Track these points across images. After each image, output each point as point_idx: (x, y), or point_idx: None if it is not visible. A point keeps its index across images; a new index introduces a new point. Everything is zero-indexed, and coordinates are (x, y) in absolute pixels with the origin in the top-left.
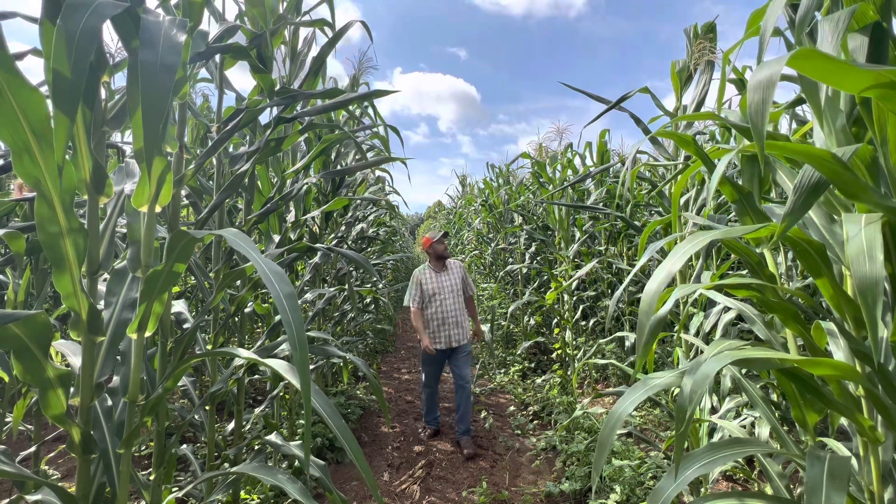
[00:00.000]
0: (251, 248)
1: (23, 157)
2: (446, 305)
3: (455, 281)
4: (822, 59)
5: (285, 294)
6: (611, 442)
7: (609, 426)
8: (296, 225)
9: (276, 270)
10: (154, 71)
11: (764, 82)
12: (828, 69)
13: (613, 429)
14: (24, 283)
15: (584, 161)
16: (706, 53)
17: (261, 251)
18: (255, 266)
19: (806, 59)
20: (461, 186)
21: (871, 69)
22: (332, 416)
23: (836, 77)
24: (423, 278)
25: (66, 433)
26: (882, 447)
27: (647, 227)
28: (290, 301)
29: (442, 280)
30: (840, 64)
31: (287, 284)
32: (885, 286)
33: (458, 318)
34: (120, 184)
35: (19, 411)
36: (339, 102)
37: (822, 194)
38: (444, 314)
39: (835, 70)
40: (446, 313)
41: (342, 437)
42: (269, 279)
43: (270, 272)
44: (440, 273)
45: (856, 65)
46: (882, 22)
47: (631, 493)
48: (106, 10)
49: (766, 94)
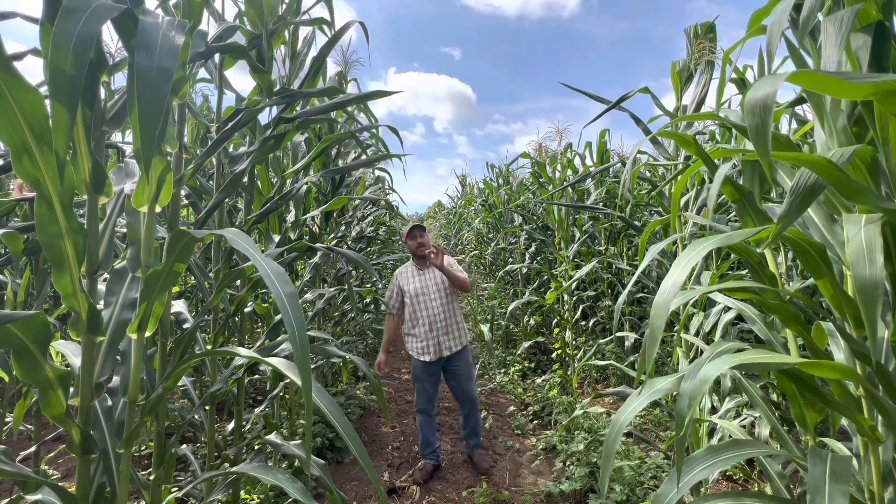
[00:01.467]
0: (252, 248)
1: (22, 158)
2: (432, 308)
3: (441, 278)
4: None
5: (286, 294)
6: (615, 450)
7: (613, 434)
8: (295, 225)
9: (277, 270)
10: (150, 76)
11: (760, 104)
12: (826, 83)
13: (618, 436)
14: (24, 283)
15: (583, 161)
16: (706, 53)
17: (261, 251)
18: (255, 265)
19: (803, 77)
20: (461, 186)
21: (870, 81)
22: (335, 416)
23: (835, 89)
24: (403, 279)
25: (65, 433)
26: (882, 447)
27: (648, 228)
28: (291, 300)
29: (426, 279)
30: (838, 81)
31: (288, 284)
32: (886, 286)
33: (447, 322)
34: (119, 183)
35: (20, 411)
36: (340, 102)
37: (819, 196)
38: (431, 318)
39: (834, 84)
40: (433, 317)
41: (346, 436)
42: (269, 279)
43: (272, 271)
44: (423, 271)
45: (853, 80)
46: (884, 21)
47: (631, 492)
48: (103, 14)
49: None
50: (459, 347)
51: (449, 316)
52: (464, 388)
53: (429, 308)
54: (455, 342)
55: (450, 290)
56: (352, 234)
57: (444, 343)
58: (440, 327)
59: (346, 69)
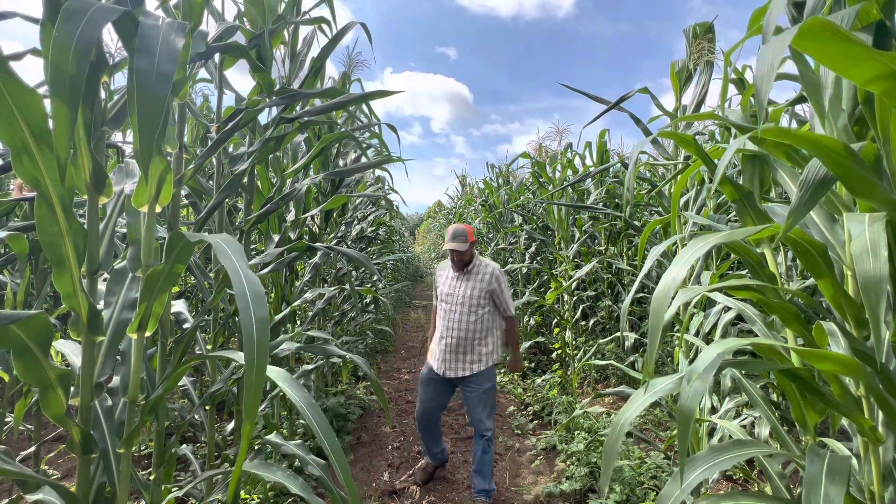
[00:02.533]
0: (238, 259)
1: (22, 158)
2: (450, 320)
3: (473, 293)
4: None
5: (257, 317)
6: (616, 450)
7: (614, 435)
8: (295, 224)
9: (256, 291)
10: (150, 80)
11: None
12: (834, 53)
13: (619, 437)
14: (25, 283)
15: (583, 161)
16: (705, 54)
17: (260, 251)
18: (233, 281)
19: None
20: (461, 186)
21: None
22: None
23: (842, 63)
24: (440, 274)
25: (66, 433)
26: (883, 447)
27: (647, 227)
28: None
29: (456, 286)
30: (848, 46)
31: (263, 308)
32: (888, 287)
33: (458, 342)
34: (120, 184)
35: (20, 410)
36: (340, 102)
37: (828, 190)
38: (445, 329)
39: (841, 55)
40: (447, 330)
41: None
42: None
43: (249, 291)
44: (458, 275)
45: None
46: (885, 21)
47: (631, 492)
48: (103, 17)
49: (774, 59)
50: (466, 374)
51: (464, 336)
52: (471, 416)
53: (447, 318)
54: (461, 368)
55: (476, 309)
56: (352, 234)
57: (448, 361)
58: (450, 343)
59: (351, 70)
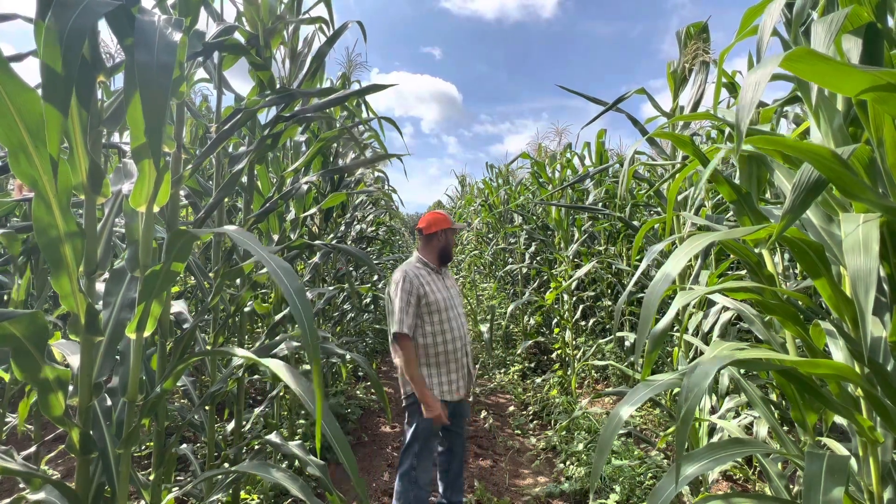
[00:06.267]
0: (256, 244)
1: (19, 158)
2: (458, 326)
3: (457, 291)
4: (817, 60)
5: (294, 289)
6: (611, 443)
7: (610, 429)
8: (295, 224)
9: (284, 266)
10: (151, 71)
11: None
12: (823, 71)
13: (614, 431)
14: (24, 283)
15: (582, 161)
16: (700, 55)
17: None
18: (263, 262)
19: (800, 61)
20: (461, 186)
21: (867, 71)
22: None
23: (831, 79)
24: (424, 283)
25: (65, 433)
26: (881, 447)
27: (644, 226)
28: (300, 296)
29: (449, 286)
30: (836, 65)
31: (295, 279)
32: (884, 286)
33: (470, 352)
34: (118, 184)
35: (24, 409)
36: (337, 98)
37: (821, 193)
38: (459, 341)
39: (830, 72)
40: (461, 339)
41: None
42: (277, 275)
43: (278, 267)
44: (440, 275)
45: (852, 65)
46: (877, 23)
47: (631, 492)
48: (97, 9)
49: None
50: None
51: (469, 345)
52: (463, 437)
53: (455, 326)
54: (474, 382)
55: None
56: (352, 233)
57: (474, 373)
58: (468, 356)
59: (350, 70)
